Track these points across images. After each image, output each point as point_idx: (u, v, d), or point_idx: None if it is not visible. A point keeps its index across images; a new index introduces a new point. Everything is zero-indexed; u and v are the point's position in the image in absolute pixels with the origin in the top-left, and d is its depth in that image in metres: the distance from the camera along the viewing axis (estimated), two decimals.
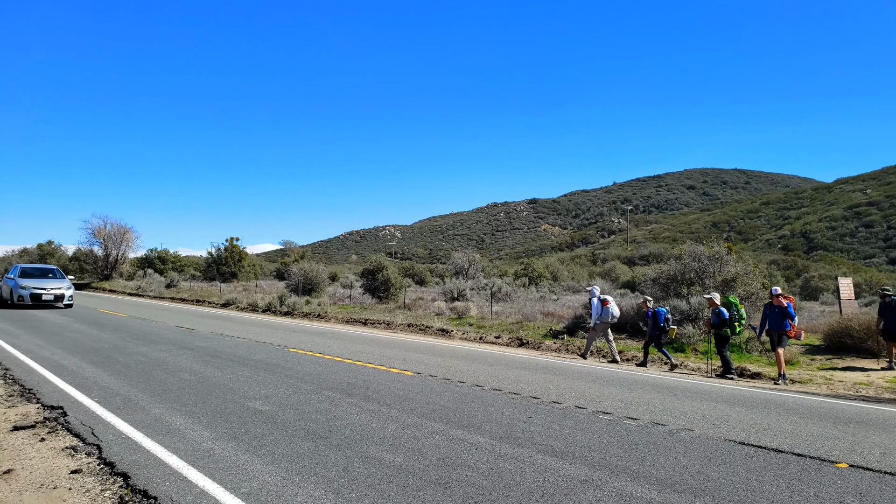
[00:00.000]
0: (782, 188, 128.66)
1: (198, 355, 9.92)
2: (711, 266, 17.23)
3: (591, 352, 12.39)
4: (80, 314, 18.28)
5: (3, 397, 6.76)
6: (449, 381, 8.04)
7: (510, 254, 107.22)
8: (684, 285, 17.19)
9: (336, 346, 11.95)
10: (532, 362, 10.61)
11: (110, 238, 45.17)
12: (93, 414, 5.92)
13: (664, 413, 6.62)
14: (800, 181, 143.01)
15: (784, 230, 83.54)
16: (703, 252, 17.66)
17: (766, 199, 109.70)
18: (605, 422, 6.08)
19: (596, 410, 6.58)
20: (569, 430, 5.65)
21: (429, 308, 23.85)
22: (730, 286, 16.28)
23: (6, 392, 7.01)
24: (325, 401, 6.65)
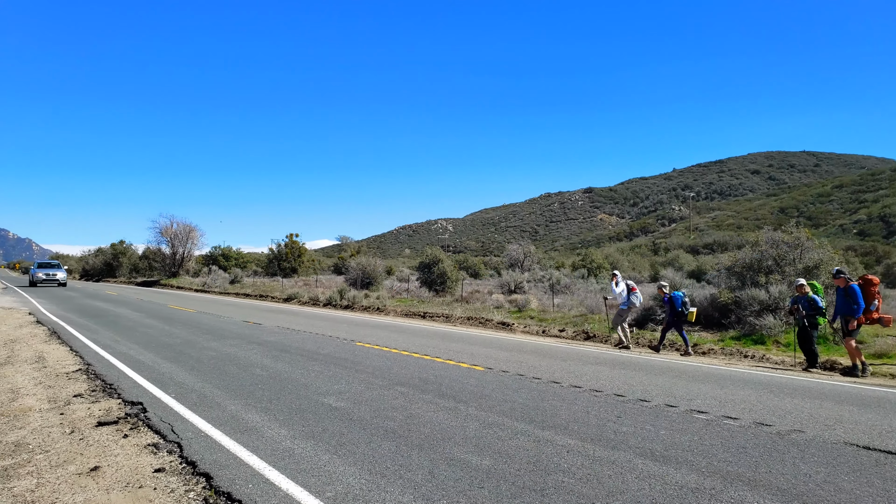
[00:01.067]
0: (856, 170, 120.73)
1: (267, 350, 9.95)
2: (791, 253, 16.13)
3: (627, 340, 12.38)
4: (152, 310, 18.92)
5: (87, 392, 6.89)
6: (523, 377, 7.69)
7: (565, 245, 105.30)
8: (762, 274, 16.17)
9: (400, 339, 11.80)
10: (605, 357, 10.12)
11: (177, 236, 46.93)
12: (171, 410, 5.91)
13: (765, 412, 6.06)
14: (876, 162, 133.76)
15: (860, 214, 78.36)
16: (782, 238, 16.57)
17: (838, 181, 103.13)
18: (703, 422, 5.59)
19: (689, 409, 6.09)
20: (665, 432, 5.21)
21: (486, 301, 23.51)
22: (812, 274, 15.19)
23: (89, 387, 7.15)
24: (398, 397, 6.43)
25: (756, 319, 13.61)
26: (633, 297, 12.59)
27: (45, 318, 15.55)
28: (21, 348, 10.40)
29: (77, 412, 5.99)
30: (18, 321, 14.93)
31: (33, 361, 9.06)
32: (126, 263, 57.38)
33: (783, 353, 11.48)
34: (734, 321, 14.34)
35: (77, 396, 6.68)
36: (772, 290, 14.55)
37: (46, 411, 6.08)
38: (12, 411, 6.12)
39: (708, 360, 10.48)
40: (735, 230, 78.77)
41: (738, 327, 14.02)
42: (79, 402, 6.44)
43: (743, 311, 14.18)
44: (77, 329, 13.00)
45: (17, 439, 5.15)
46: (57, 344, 10.87)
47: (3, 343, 11.08)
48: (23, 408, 6.25)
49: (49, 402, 6.48)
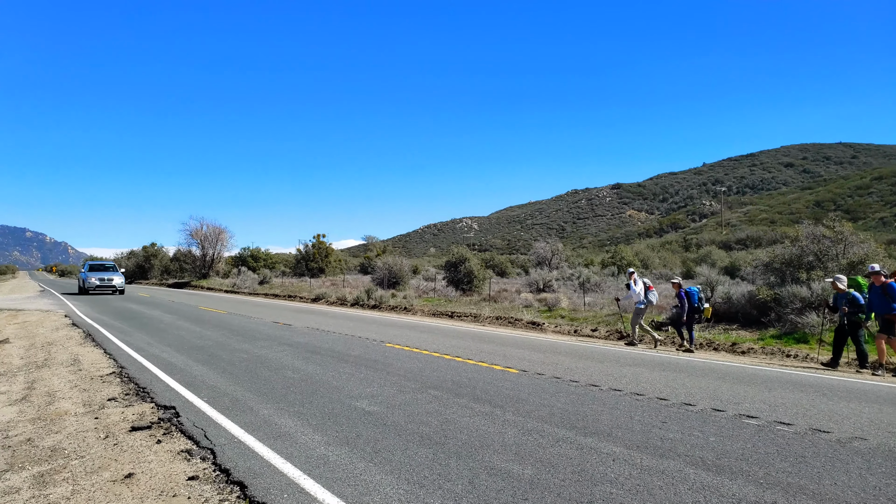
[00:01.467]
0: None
1: (298, 352, 9.89)
2: (834, 248, 15.51)
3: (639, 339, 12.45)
4: (184, 311, 19.14)
5: (120, 395, 6.89)
6: (560, 380, 7.46)
7: (593, 242, 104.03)
8: (802, 270, 15.59)
9: (430, 340, 11.65)
10: (643, 358, 9.81)
11: (207, 239, 47.66)
12: (204, 415, 5.84)
13: (820, 417, 5.73)
14: None
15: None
16: (823, 233, 15.95)
17: (878, 173, 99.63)
18: (754, 428, 5.30)
19: (738, 414, 5.80)
20: (714, 439, 4.94)
21: (514, 300, 23.24)
22: (857, 270, 14.58)
23: (122, 390, 7.16)
24: (432, 401, 6.27)
25: (798, 317, 13.11)
26: (650, 295, 12.65)
27: (80, 321, 15.82)
28: (57, 351, 10.55)
29: (111, 416, 5.98)
30: (55, 324, 15.22)
31: (69, 364, 9.17)
32: (157, 265, 58.56)
33: (828, 353, 11.02)
34: (774, 319, 13.84)
35: (111, 400, 6.68)
36: (814, 286, 13.99)
37: (82, 415, 6.09)
38: (49, 415, 6.14)
39: (748, 360, 10.09)
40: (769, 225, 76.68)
41: (778, 325, 13.53)
42: (113, 405, 6.44)
43: (783, 309, 13.67)
44: (111, 331, 13.17)
45: (53, 444, 5.13)
46: (92, 346, 11.00)
47: (41, 346, 11.27)
48: (59, 412, 6.27)
49: (84, 405, 6.50)
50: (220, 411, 5.93)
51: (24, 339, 12.43)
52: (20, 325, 15.35)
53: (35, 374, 8.46)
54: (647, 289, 12.70)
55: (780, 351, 11.10)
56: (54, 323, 15.42)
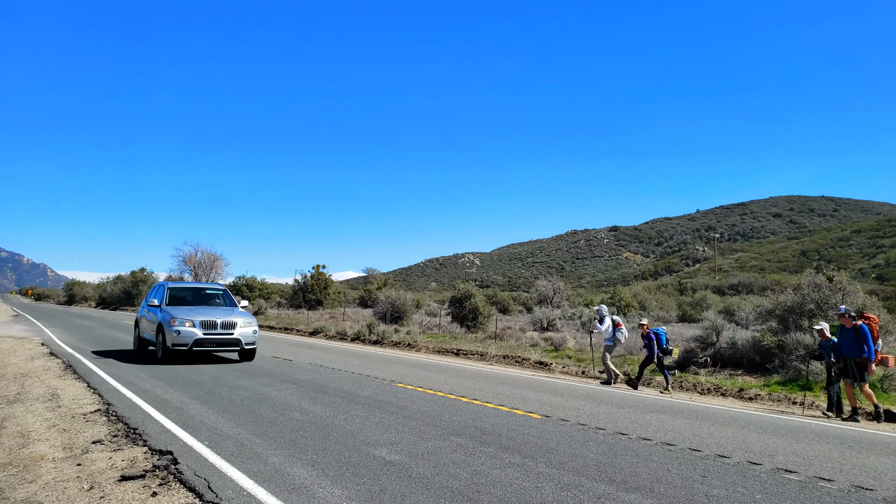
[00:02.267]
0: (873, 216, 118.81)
1: (302, 390, 9.32)
2: (833, 296, 15.34)
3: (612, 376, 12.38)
4: None
5: (107, 437, 6.27)
6: (586, 428, 6.94)
7: (591, 282, 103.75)
8: (804, 317, 15.36)
9: (442, 380, 11.10)
10: (661, 404, 9.31)
11: (200, 265, 46.89)
12: (205, 461, 5.28)
13: (857, 473, 5.42)
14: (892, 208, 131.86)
15: (878, 259, 77.34)
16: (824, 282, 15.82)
17: (856, 226, 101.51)
18: (797, 484, 4.93)
19: (775, 468, 5.38)
20: (761, 496, 4.54)
21: (520, 338, 22.72)
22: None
23: (110, 431, 6.54)
24: (457, 450, 5.74)
25: (802, 364, 12.85)
26: (618, 332, 12.72)
27: (59, 350, 15.06)
28: (33, 384, 9.82)
29: (97, 462, 5.37)
30: (30, 352, 14.43)
31: (46, 399, 8.46)
32: (146, 292, 57.38)
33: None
34: (778, 365, 13.57)
35: (96, 443, 6.04)
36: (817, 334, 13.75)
37: (61, 461, 5.46)
38: (22, 460, 5.50)
39: (756, 406, 9.77)
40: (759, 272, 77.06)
41: (782, 372, 13.31)
42: (98, 449, 5.81)
43: (788, 356, 13.40)
44: (94, 362, 12.46)
45: (26, 496, 4.52)
46: (73, 379, 10.28)
47: (14, 377, 10.51)
48: (34, 456, 5.63)
49: (64, 449, 5.86)
50: (224, 458, 5.37)
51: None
52: None
53: (6, 411, 7.74)
54: (615, 326, 12.75)
55: (787, 398, 10.84)
56: (29, 352, 14.61)
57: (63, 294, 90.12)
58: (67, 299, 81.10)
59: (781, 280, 51.76)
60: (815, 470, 5.38)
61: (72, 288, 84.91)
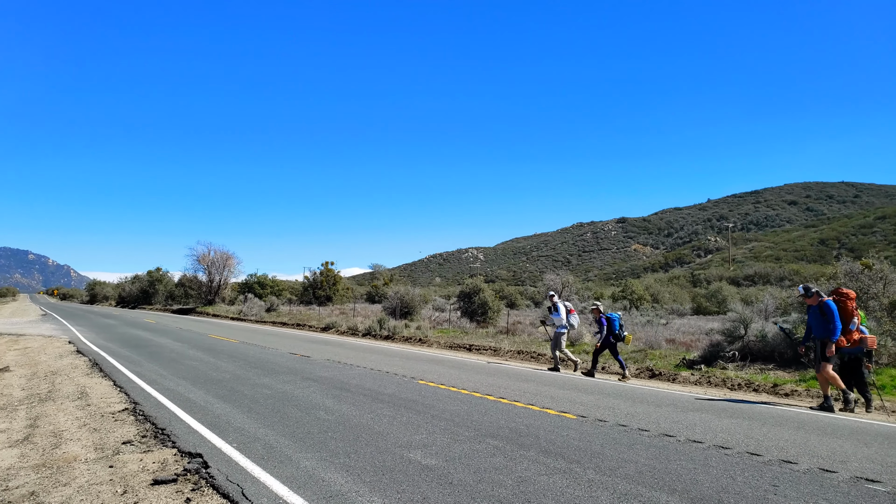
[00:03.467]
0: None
1: (325, 388, 9.09)
2: (874, 285, 14.82)
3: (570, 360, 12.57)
4: (193, 340, 18.34)
5: (136, 438, 6.11)
6: (627, 429, 6.66)
7: (599, 275, 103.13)
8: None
9: (462, 377, 10.84)
10: (701, 403, 8.98)
11: (213, 264, 46.96)
12: (236, 465, 5.06)
13: None
14: None
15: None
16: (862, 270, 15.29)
17: (880, 212, 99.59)
18: (886, 496, 4.50)
19: (854, 476, 4.98)
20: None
21: (532, 333, 22.43)
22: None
23: (138, 431, 6.38)
24: (495, 453, 5.48)
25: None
26: (571, 318, 12.63)
27: (85, 348, 15.03)
28: (62, 382, 9.76)
29: (128, 465, 5.19)
30: (58, 350, 14.43)
31: (76, 398, 8.37)
32: (162, 291, 57.73)
33: (878, 397, 10.24)
34: (813, 360, 13.12)
35: (126, 443, 5.89)
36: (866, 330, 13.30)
37: (94, 462, 5.31)
38: (56, 461, 5.35)
39: (796, 402, 9.36)
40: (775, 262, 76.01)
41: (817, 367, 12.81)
42: (129, 450, 5.66)
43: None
44: (119, 361, 12.38)
45: (61, 500, 4.35)
46: (99, 377, 10.21)
47: (44, 375, 10.47)
48: (67, 457, 5.48)
49: (96, 449, 5.71)
50: (254, 461, 5.15)
51: (26, 367, 11.65)
52: (21, 351, 14.57)
53: (38, 409, 7.68)
54: (568, 312, 12.59)
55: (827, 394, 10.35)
56: (58, 350, 14.62)
57: (86, 294, 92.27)
58: (90, 299, 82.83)
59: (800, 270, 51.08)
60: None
61: (93, 288, 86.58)
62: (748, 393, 10.50)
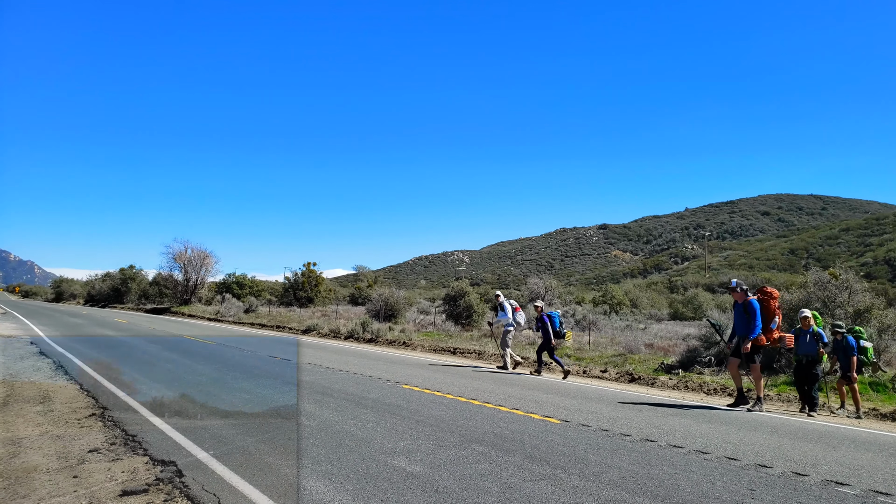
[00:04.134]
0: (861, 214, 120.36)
1: (306, 393, 8.93)
2: (840, 295, 15.17)
3: (511, 361, 12.72)
4: (169, 342, 17.97)
5: (104, 446, 5.86)
6: (609, 434, 6.63)
7: (580, 280, 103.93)
8: None
9: (447, 381, 10.76)
10: (676, 409, 9.02)
11: (190, 262, 46.15)
12: (212, 473, 4.91)
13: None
14: (879, 207, 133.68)
15: (866, 257, 78.18)
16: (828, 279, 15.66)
17: (845, 225, 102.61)
18: (854, 498, 4.55)
19: (825, 480, 5.03)
20: None
21: (515, 337, 22.41)
22: (863, 318, 14.27)
23: (107, 438, 6.14)
24: (480, 459, 5.40)
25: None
26: (517, 316, 12.73)
27: (49, 349, 14.54)
28: (23, 386, 9.36)
29: (94, 475, 4.97)
30: (19, 352, 13.92)
31: (38, 402, 8.02)
32: (135, 289, 56.56)
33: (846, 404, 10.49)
34: (785, 365, 13.34)
35: (93, 451, 5.64)
36: (826, 333, 13.56)
37: (56, 472, 5.05)
38: (13, 471, 5.08)
39: (769, 406, 9.57)
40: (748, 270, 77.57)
41: (788, 372, 13.04)
42: (96, 459, 5.42)
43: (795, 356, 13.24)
44: (87, 363, 12.00)
45: None
46: (64, 381, 9.84)
47: (2, 379, 10.04)
48: (27, 467, 5.21)
49: (59, 458, 5.45)
50: (232, 469, 4.99)
51: None
52: None
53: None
54: (514, 310, 12.67)
55: (797, 398, 10.54)
56: (18, 351, 14.09)
57: (51, 291, 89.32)
58: (55, 297, 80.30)
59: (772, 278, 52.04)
60: (871, 483, 5.01)
61: (60, 285, 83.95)
62: (724, 397, 10.63)
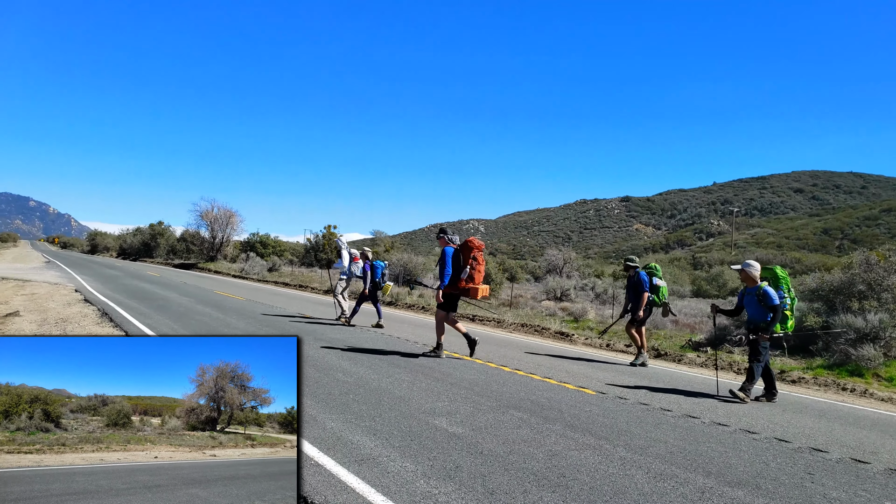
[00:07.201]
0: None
1: (338, 350, 9.01)
2: (889, 277, 14.71)
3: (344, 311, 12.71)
4: (200, 295, 18.27)
5: None
6: (649, 408, 6.59)
7: (599, 253, 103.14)
8: (853, 299, 14.74)
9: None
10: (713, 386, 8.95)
11: (217, 221, 46.71)
12: None
13: None
14: None
15: None
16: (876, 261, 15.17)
17: (886, 205, 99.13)
18: None
19: (889, 469, 4.91)
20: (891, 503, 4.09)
21: (535, 307, 22.41)
22: None
23: None
24: (521, 425, 5.41)
25: (852, 349, 12.33)
26: (353, 266, 12.67)
27: (92, 297, 14.92)
28: (74, 330, 9.68)
29: None
30: (66, 298, 14.33)
31: None
32: (164, 244, 57.59)
33: (887, 389, 10.24)
34: (822, 348, 13.07)
35: None
36: (870, 317, 13.21)
37: None
38: None
39: (803, 391, 9.32)
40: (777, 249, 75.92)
41: (826, 355, 12.77)
42: None
43: (836, 339, 12.90)
44: (128, 311, 12.29)
45: None
46: (110, 327, 10.12)
47: (55, 322, 10.38)
48: None
49: None
50: None
51: (35, 312, 11.57)
52: (28, 296, 14.48)
53: None
54: (352, 260, 12.65)
55: (835, 383, 10.34)
56: (65, 298, 14.52)
57: (87, 244, 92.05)
58: (90, 249, 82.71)
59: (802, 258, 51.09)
60: None
61: (94, 238, 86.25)
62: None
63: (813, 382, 10.39)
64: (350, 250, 12.76)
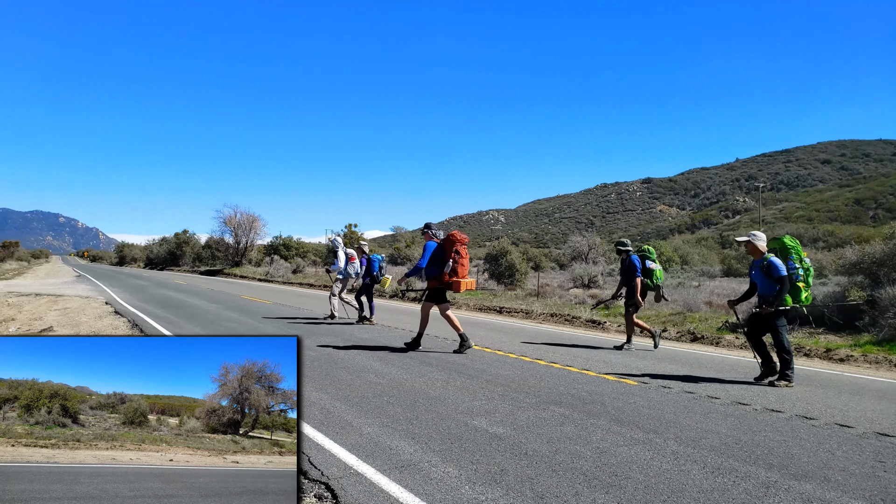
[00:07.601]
0: None
1: (368, 350, 8.89)
2: None
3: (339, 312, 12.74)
4: (227, 301, 18.35)
5: None
6: (695, 396, 6.31)
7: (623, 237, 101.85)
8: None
9: (504, 340, 10.59)
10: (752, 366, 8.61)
11: (240, 226, 47.15)
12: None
13: None
14: None
15: None
16: None
17: None
18: None
19: None
20: None
21: (563, 296, 22.04)
22: None
23: None
24: (564, 422, 5.18)
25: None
26: (350, 266, 12.50)
27: (122, 309, 15.06)
28: None
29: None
30: (98, 311, 14.48)
31: None
32: (189, 252, 58.40)
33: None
34: (868, 324, 12.54)
35: None
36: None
37: None
38: None
39: (854, 369, 8.89)
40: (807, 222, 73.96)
41: (873, 331, 12.23)
42: None
43: (884, 314, 12.36)
44: (158, 321, 12.34)
45: None
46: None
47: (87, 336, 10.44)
48: None
49: None
50: (314, 427, 4.92)
51: (68, 327, 11.67)
52: (61, 311, 14.66)
53: None
54: (348, 260, 12.53)
55: (887, 360, 9.85)
56: (97, 310, 14.67)
57: (115, 256, 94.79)
58: (119, 260, 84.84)
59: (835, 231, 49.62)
60: None
61: (122, 250, 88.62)
62: (799, 358, 10.07)
63: (863, 360, 9.95)
64: (346, 250, 12.71)
